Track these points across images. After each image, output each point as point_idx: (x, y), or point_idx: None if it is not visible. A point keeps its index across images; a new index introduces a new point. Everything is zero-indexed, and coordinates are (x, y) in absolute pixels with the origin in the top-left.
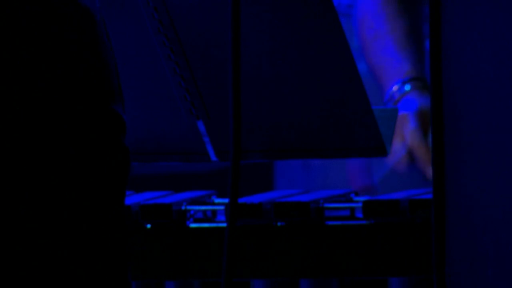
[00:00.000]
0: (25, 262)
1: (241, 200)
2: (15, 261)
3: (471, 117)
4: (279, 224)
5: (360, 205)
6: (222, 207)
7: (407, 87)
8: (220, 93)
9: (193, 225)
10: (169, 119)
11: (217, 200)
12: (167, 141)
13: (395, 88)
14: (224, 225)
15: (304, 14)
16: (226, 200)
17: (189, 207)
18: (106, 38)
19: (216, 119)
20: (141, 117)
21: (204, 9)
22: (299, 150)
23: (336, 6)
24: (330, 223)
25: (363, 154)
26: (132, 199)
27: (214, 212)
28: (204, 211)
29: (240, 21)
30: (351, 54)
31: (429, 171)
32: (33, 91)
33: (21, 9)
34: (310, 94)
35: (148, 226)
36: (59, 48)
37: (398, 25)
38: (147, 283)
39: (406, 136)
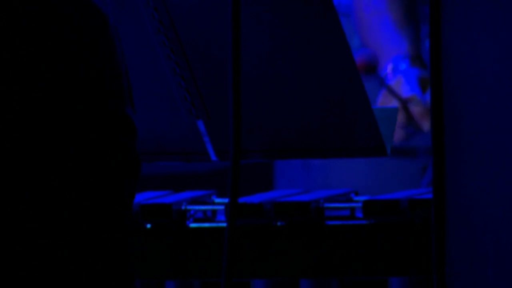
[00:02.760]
0: (25, 262)
1: (241, 200)
2: (15, 261)
3: (471, 117)
4: (279, 223)
5: (360, 204)
6: (222, 207)
7: (404, 65)
8: (220, 93)
9: (193, 225)
10: (169, 119)
11: (217, 200)
12: (167, 141)
13: (389, 67)
14: (224, 224)
15: (304, 14)
16: (226, 200)
17: (189, 207)
18: (116, 39)
19: (216, 119)
20: (141, 117)
21: (204, 9)
22: (299, 150)
23: (336, 6)
24: (330, 223)
25: (363, 154)
26: None
27: (214, 212)
28: (204, 211)
29: (240, 21)
30: (351, 54)
31: (426, 124)
32: (33, 91)
33: (21, 9)
34: (310, 94)
35: (148, 226)
36: (60, 48)
37: (396, 2)
38: (147, 283)
39: (402, 91)
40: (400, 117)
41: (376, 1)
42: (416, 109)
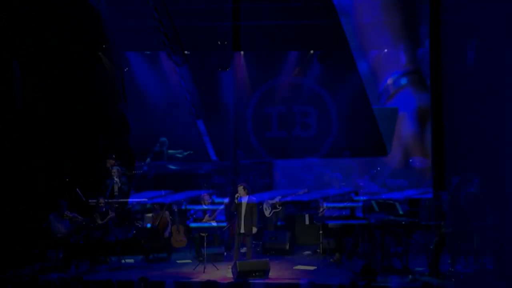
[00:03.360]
0: None
1: (241, 200)
2: None
3: (471, 117)
4: (279, 223)
5: (360, 204)
6: (222, 207)
7: (403, 81)
8: (219, 93)
9: (193, 225)
10: (170, 119)
11: (217, 200)
12: (167, 141)
13: (390, 81)
14: (225, 224)
15: (304, 13)
16: (226, 200)
17: (189, 207)
18: (112, 37)
19: (216, 119)
20: (142, 117)
21: (204, 9)
22: (299, 150)
23: (336, 6)
24: (330, 222)
25: (363, 154)
26: (132, 198)
27: (213, 212)
28: (204, 211)
29: (240, 20)
30: (351, 54)
31: (426, 171)
32: (33, 91)
33: (21, 9)
34: (310, 94)
35: (148, 225)
36: (59, 48)
37: (396, 14)
38: (148, 283)
39: (403, 136)
40: (402, 160)
41: (376, 13)
42: (416, 154)
